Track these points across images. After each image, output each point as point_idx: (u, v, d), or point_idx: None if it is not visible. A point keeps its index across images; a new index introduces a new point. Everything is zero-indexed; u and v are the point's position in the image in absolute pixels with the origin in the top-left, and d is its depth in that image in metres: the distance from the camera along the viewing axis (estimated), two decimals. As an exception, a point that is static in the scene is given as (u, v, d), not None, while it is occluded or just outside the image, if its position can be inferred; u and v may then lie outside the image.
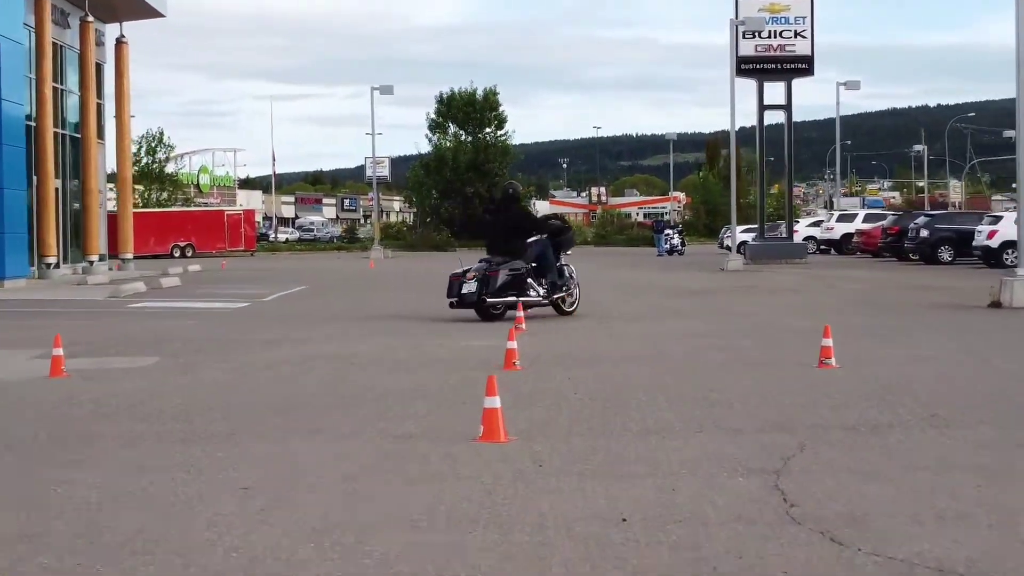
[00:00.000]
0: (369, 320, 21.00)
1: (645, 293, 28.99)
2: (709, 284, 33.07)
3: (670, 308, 23.64)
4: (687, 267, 46.44)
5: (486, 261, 19.60)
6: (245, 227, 71.75)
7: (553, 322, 20.26)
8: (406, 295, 29.19)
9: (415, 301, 27.10)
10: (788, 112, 49.43)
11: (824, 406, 10.32)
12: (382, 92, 61.51)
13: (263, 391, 11.75)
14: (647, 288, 31.18)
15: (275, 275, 41.64)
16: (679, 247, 62.89)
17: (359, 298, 27.94)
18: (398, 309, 24.19)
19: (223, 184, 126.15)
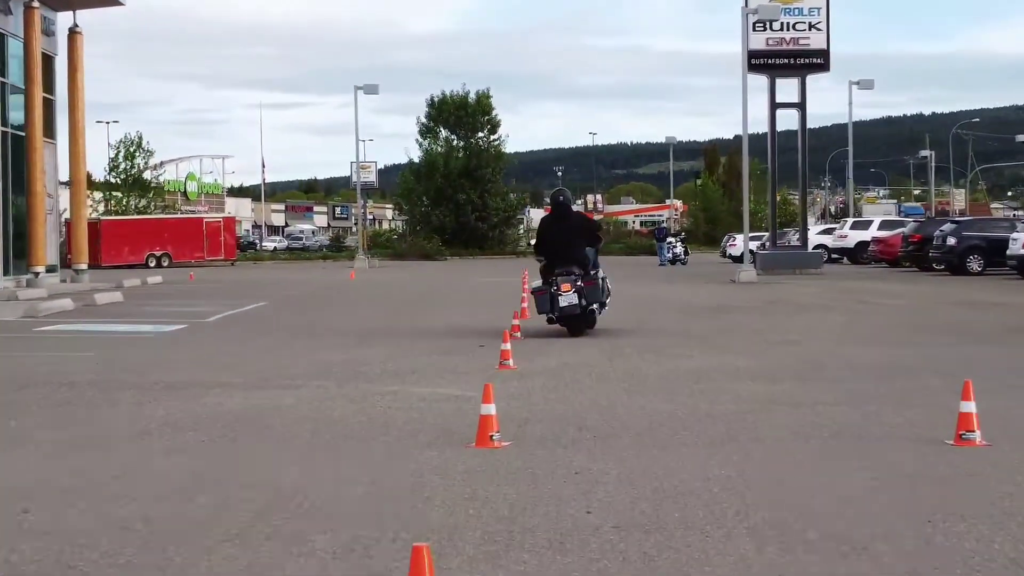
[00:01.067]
0: (319, 349, 16.44)
1: (656, 311, 24.37)
2: (726, 299, 28.46)
3: (693, 333, 18.95)
4: (694, 279, 41.83)
5: (566, 272, 17.79)
6: (225, 235, 67.01)
7: (550, 348, 15.79)
8: (376, 312, 24.65)
9: (384, 319, 22.53)
10: (802, 111, 44.87)
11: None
12: (366, 92, 56.92)
13: (55, 509, 7.10)
14: (656, 304, 26.58)
15: (240, 288, 37.00)
16: (682, 256, 58.28)
17: (321, 317, 23.36)
18: (362, 330, 19.69)
19: (211, 191, 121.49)
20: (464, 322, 21.55)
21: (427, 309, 25.66)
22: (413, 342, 17.27)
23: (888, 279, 38.94)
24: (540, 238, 18.84)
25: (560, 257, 18.07)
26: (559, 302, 17.60)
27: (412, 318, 22.79)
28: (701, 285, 36.67)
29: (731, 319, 22.09)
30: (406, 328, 20.34)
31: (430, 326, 20.75)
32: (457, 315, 23.54)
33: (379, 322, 21.78)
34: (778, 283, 36.97)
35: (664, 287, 35.58)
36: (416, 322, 21.76)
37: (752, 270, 38.70)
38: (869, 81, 57.32)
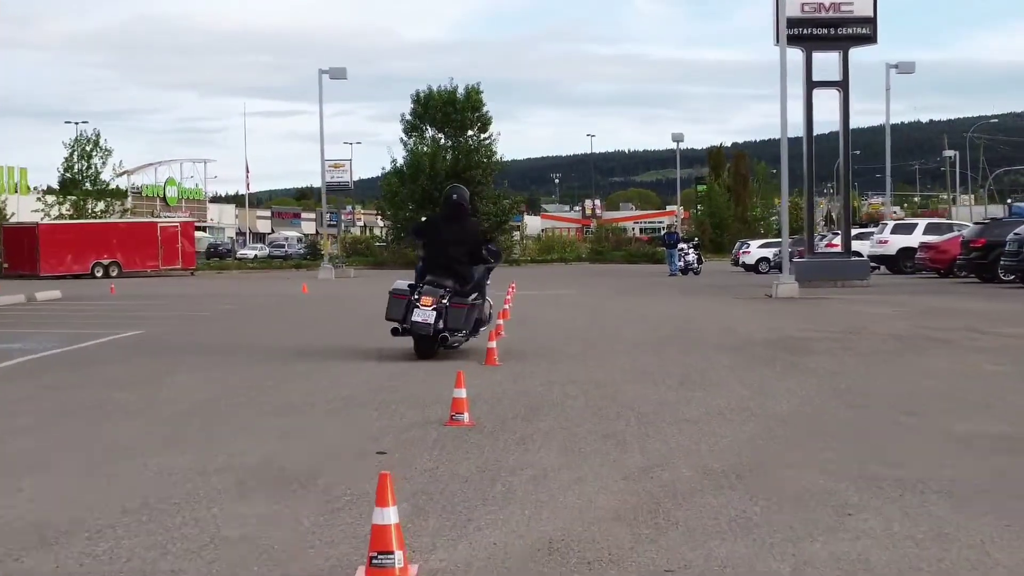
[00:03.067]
0: (154, 427, 8.02)
1: (690, 347, 15.85)
2: (779, 324, 19.91)
3: (771, 416, 10.33)
4: (718, 292, 33.31)
5: (436, 284, 14.59)
6: (183, 242, 58.43)
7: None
8: (292, 342, 16.16)
9: (293, 361, 13.99)
10: (844, 91, 36.33)
11: None
12: (332, 76, 48.40)
13: None
14: (688, 334, 18.05)
15: (149, 307, 28.56)
16: (694, 265, 49.68)
17: (209, 355, 14.97)
18: (247, 383, 11.20)
19: (192, 197, 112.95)
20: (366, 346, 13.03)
21: (349, 335, 17.29)
22: (301, 397, 8.88)
23: (959, 293, 30.40)
24: (421, 231, 15.52)
25: (437, 264, 14.90)
26: (413, 313, 14.41)
27: (346, 344, 14.36)
28: (731, 301, 28.18)
29: (819, 367, 13.57)
30: (271, 400, 11.88)
31: (331, 377, 12.33)
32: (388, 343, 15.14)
33: (287, 361, 13.35)
34: (827, 299, 28.50)
35: (685, 304, 27.10)
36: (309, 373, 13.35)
37: (793, 282, 30.14)
38: (909, 64, 48.62)
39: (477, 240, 15.18)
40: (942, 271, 40.08)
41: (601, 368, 13.49)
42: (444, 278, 14.62)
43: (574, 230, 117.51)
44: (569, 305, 27.10)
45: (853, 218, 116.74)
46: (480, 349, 14.80)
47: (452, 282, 14.60)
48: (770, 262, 57.71)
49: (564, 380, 12.30)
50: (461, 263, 14.81)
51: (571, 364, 14.02)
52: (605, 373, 12.97)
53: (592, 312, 24.42)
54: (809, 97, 36.06)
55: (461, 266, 14.79)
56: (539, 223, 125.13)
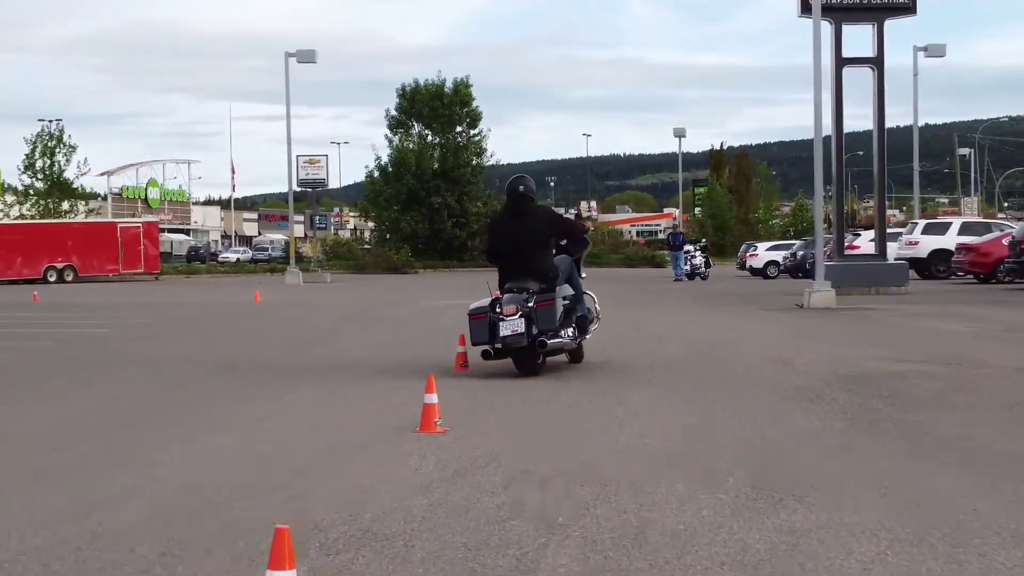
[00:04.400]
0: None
1: (739, 393, 10.53)
2: (841, 352, 14.59)
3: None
4: (737, 301, 28.05)
5: (516, 290, 11.97)
6: (145, 244, 53.03)
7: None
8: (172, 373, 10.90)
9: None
10: (878, 70, 31.02)
11: None
12: (300, 60, 43.09)
13: None
14: (724, 369, 12.73)
15: (61, 320, 23.27)
16: (702, 269, 44.34)
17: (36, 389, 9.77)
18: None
19: (175, 199, 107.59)
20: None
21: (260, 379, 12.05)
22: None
23: (1018, 303, 25.18)
24: (491, 241, 12.68)
25: (513, 268, 12.18)
26: (500, 330, 11.67)
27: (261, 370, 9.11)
28: (758, 314, 22.89)
29: (952, 430, 8.36)
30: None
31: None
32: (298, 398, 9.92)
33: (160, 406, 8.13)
34: (872, 310, 23.25)
35: (705, 317, 21.79)
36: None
37: (829, 290, 24.78)
38: (939, 47, 43.26)
39: (554, 228, 12.69)
40: (982, 276, 34.84)
41: (600, 440, 8.19)
42: (525, 281, 12.14)
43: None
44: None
45: (851, 222, 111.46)
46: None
47: (535, 283, 12.12)
48: (779, 266, 52.65)
49: (532, 470, 6.99)
50: (540, 260, 12.30)
51: (547, 429, 8.73)
52: (604, 453, 7.68)
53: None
54: (839, 77, 30.73)
55: (541, 264, 12.28)
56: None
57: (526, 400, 10.32)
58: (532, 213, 12.55)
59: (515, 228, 12.33)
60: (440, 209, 65.43)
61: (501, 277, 12.39)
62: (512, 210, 12.56)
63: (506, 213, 12.70)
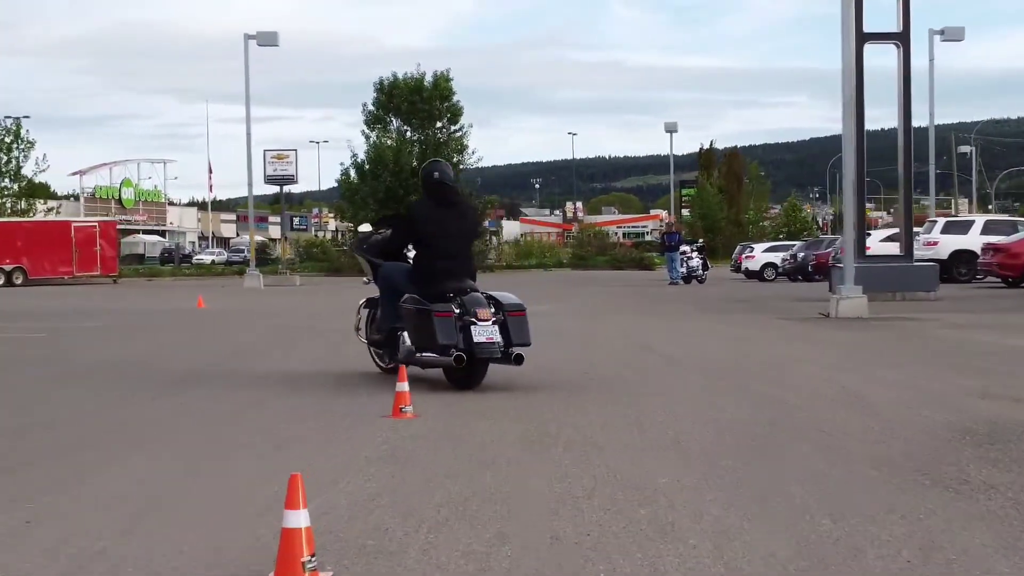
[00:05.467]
0: None
1: (807, 462, 6.57)
2: (917, 382, 10.71)
3: None
4: (750, 309, 24.14)
5: (470, 290, 10.28)
6: (102, 244, 48.81)
7: None
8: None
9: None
10: (903, 46, 27.13)
11: None
12: (260, 43, 38.99)
13: None
14: (773, 416, 8.77)
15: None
16: (699, 271, 40.37)
17: None
18: None
19: (150, 199, 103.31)
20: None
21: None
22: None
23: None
24: (412, 229, 10.56)
25: (454, 266, 10.37)
26: (473, 334, 9.91)
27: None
28: (782, 326, 18.97)
29: None
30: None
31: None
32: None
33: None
34: (912, 320, 19.38)
35: (718, 330, 17.83)
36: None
37: (860, 296, 20.80)
38: (958, 30, 39.32)
39: (481, 225, 9.97)
40: (1012, 279, 31.06)
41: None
42: (465, 281, 10.47)
43: (555, 235, 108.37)
44: (546, 332, 17.84)
45: (840, 224, 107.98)
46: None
47: (471, 287, 10.45)
48: (777, 268, 48.96)
49: None
50: (471, 259, 10.91)
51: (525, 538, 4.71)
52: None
53: (580, 347, 15.12)
54: (859, 54, 26.75)
55: (470, 264, 10.85)
56: (518, 228, 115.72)
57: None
58: (465, 208, 11.16)
59: (451, 220, 10.56)
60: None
61: (428, 274, 10.36)
62: (442, 199, 10.66)
63: (433, 202, 10.68)
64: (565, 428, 8.01)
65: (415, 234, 10.65)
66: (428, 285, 10.26)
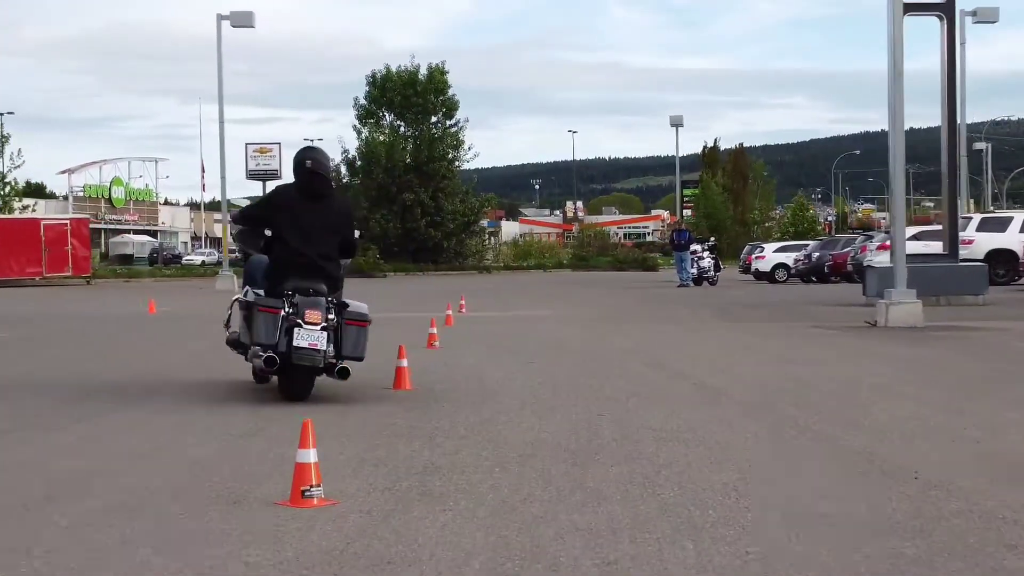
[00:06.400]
0: None
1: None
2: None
3: None
4: (773, 316, 20.78)
5: (311, 291, 9.06)
6: (73, 244, 45.43)
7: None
8: None
9: None
10: (948, 20, 23.78)
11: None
12: (235, 24, 35.69)
13: None
14: (876, 499, 5.47)
15: None
16: (710, 272, 36.98)
17: None
18: None
19: (141, 198, 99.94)
20: None
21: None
22: None
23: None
24: (264, 214, 9.44)
25: (298, 263, 9.18)
26: (294, 337, 8.80)
27: None
28: (821, 336, 15.67)
29: None
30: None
31: None
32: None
33: None
34: (978, 330, 16.15)
35: (745, 342, 14.50)
36: None
37: (914, 302, 17.43)
38: (992, 11, 35.78)
39: (351, 225, 9.72)
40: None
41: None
42: (312, 283, 9.06)
43: (554, 235, 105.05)
44: (543, 344, 14.49)
45: (843, 225, 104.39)
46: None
47: (324, 288, 9.10)
48: (789, 269, 45.68)
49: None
50: (331, 260, 9.34)
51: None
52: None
53: (584, 368, 11.74)
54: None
55: (332, 264, 9.34)
56: (517, 229, 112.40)
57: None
58: (333, 201, 9.75)
59: (310, 214, 9.39)
60: (412, 206, 58.01)
61: (279, 269, 9.22)
62: (309, 191, 9.46)
63: (298, 192, 9.50)
64: (567, 555, 4.65)
65: (266, 221, 9.36)
66: (273, 280, 9.10)
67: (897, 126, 18.50)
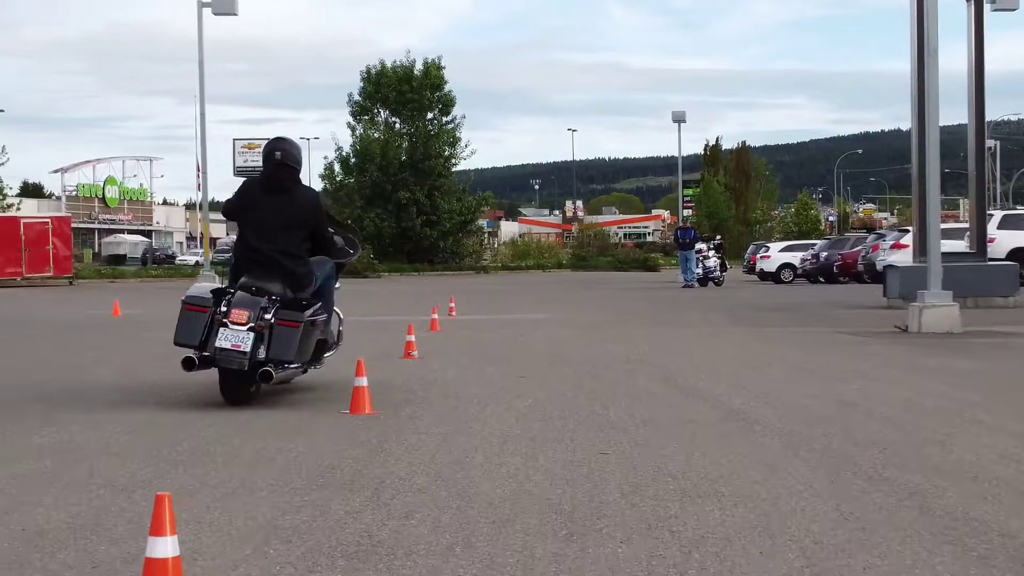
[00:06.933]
0: None
1: None
2: None
3: None
4: (790, 320, 18.95)
5: (254, 289, 8.43)
6: (55, 243, 43.53)
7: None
8: None
9: None
10: (975, 0, 21.97)
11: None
12: (216, 12, 33.72)
13: None
14: None
15: None
16: (716, 273, 35.12)
17: None
18: None
19: (136, 198, 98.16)
20: None
21: None
22: None
23: None
24: (229, 208, 8.91)
25: (255, 258, 8.61)
26: (217, 337, 8.19)
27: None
28: (852, 345, 13.84)
29: None
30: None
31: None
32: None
33: None
34: (1020, 336, 14.29)
35: (767, 352, 12.63)
36: None
37: (950, 304, 15.59)
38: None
39: (318, 219, 8.84)
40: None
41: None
42: (267, 280, 8.48)
43: (554, 235, 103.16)
44: (538, 352, 12.63)
45: (844, 225, 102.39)
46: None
47: (280, 286, 8.49)
48: (795, 269, 43.93)
49: None
50: (293, 256, 8.62)
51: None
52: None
53: (582, 386, 9.87)
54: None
55: (293, 260, 8.62)
56: (517, 229, 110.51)
57: None
58: (297, 194, 8.79)
59: (270, 208, 8.60)
60: (408, 205, 56.11)
61: (236, 267, 8.63)
62: (270, 184, 8.71)
63: (260, 186, 8.81)
64: None
65: (235, 215, 8.81)
66: (234, 277, 8.60)
67: (931, 108, 16.62)
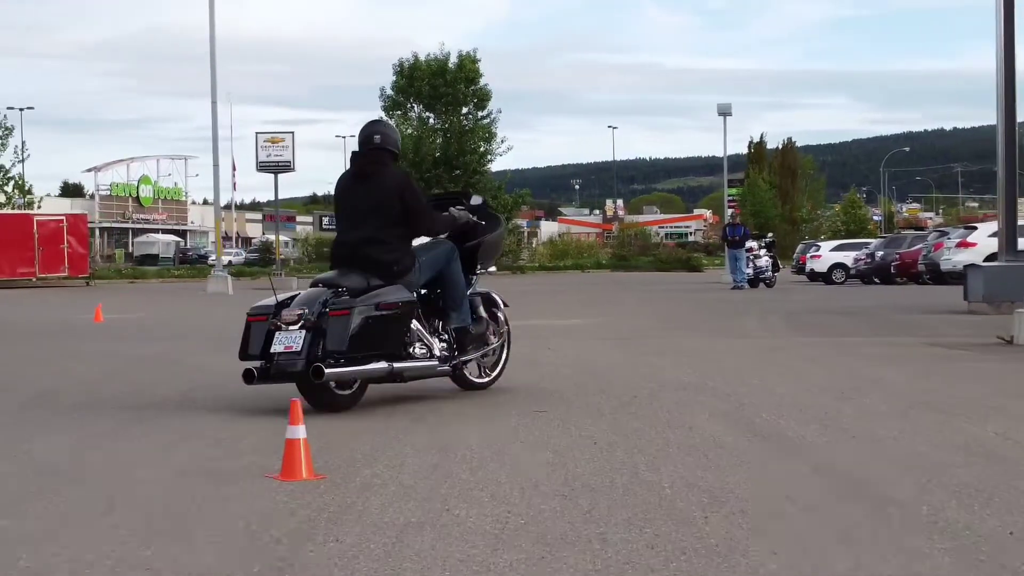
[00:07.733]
0: None
1: None
2: None
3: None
4: (860, 328, 16.19)
5: (327, 283, 7.77)
6: (70, 242, 41.28)
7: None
8: None
9: None
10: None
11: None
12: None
13: None
14: None
15: None
16: (767, 273, 32.31)
17: None
18: None
19: (170, 197, 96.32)
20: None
21: None
22: None
23: None
24: (335, 207, 8.38)
25: (341, 252, 8.03)
26: (273, 342, 7.50)
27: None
28: (952, 360, 11.07)
29: None
30: None
31: None
32: None
33: None
34: None
35: (866, 374, 9.85)
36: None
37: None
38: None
39: (405, 198, 7.84)
40: None
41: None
42: (348, 273, 7.73)
43: (594, 235, 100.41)
44: (560, 375, 9.97)
45: (890, 224, 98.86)
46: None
47: (359, 278, 7.64)
48: (848, 270, 41.18)
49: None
50: (377, 242, 7.77)
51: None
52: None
53: (616, 424, 7.15)
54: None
55: (378, 247, 7.76)
56: (557, 228, 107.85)
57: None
58: (385, 176, 7.88)
59: (358, 196, 7.98)
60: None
61: (330, 265, 8.29)
62: (356, 170, 8.02)
63: (349, 172, 8.16)
64: None
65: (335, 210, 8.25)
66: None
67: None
